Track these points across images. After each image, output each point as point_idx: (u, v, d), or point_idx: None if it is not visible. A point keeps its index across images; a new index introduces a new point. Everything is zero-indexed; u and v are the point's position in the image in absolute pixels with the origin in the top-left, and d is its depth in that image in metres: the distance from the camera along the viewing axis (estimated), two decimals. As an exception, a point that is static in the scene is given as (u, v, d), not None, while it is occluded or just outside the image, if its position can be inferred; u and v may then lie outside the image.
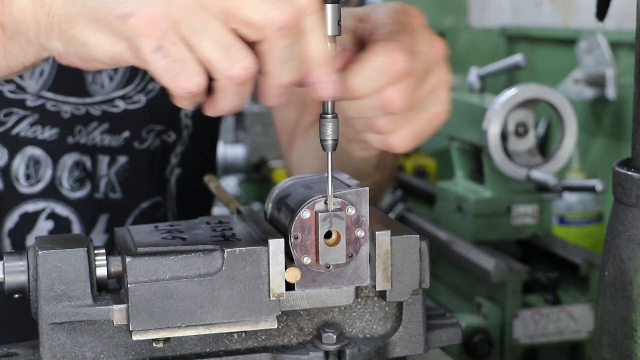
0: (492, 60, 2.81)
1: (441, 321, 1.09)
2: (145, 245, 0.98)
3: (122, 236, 1.04)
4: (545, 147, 3.21)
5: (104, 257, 1.00)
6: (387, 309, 1.05)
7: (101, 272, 0.99)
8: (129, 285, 0.95)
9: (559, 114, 2.33)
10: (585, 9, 3.22)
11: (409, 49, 1.01)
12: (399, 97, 1.01)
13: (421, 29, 1.06)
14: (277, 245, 0.97)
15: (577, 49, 3.01)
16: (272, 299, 0.98)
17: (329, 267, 0.99)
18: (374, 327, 1.05)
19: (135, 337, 0.96)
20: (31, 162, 1.46)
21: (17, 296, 0.99)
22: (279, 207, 1.05)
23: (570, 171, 2.95)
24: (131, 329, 0.96)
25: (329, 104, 0.97)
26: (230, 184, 3.84)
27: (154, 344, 0.98)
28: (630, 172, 1.00)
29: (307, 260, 0.98)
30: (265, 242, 0.97)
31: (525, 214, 2.37)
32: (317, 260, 0.99)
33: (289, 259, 0.98)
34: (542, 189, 2.37)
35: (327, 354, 1.02)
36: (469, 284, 2.39)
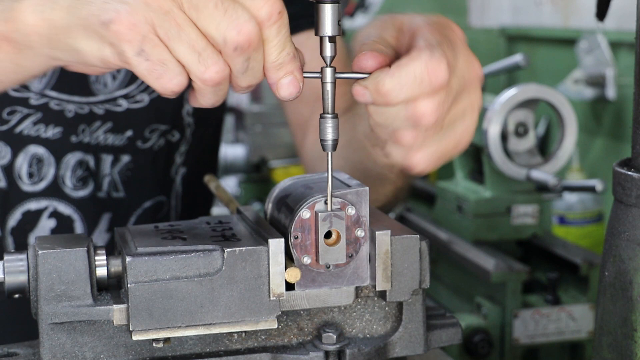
0: (492, 60, 2.81)
1: (441, 321, 1.09)
2: (145, 245, 0.98)
3: (122, 236, 1.04)
4: (545, 147, 3.20)
5: (104, 257, 1.00)
6: (387, 309, 1.05)
7: (101, 272, 0.99)
8: (129, 285, 0.95)
9: (559, 114, 2.33)
10: (585, 9, 3.22)
11: (451, 63, 0.96)
12: (432, 111, 0.96)
13: (461, 46, 1.01)
14: (277, 245, 0.97)
15: (577, 49, 3.01)
16: (272, 299, 0.98)
17: (329, 267, 0.99)
18: (374, 327, 1.05)
19: (135, 337, 0.96)
20: (34, 160, 1.46)
21: (17, 296, 0.99)
22: (279, 207, 1.05)
23: (570, 171, 2.95)
24: (131, 329, 0.96)
25: (329, 104, 0.97)
26: (230, 184, 3.84)
27: (154, 344, 0.98)
28: (630, 172, 1.00)
29: (307, 260, 0.98)
30: (265, 242, 0.97)
31: (525, 214, 2.37)
32: (317, 260, 0.99)
33: (289, 259, 0.98)
34: (542, 189, 2.37)
35: (327, 354, 1.02)
36: (469, 284, 2.39)
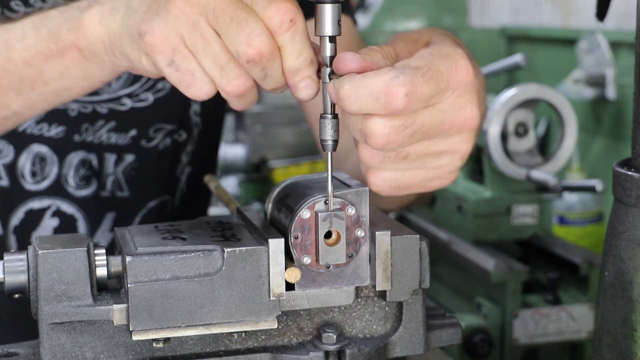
0: (492, 60, 2.81)
1: (441, 321, 1.09)
2: (145, 245, 0.98)
3: (122, 236, 1.04)
4: (545, 147, 3.20)
5: (104, 257, 1.00)
6: (387, 309, 1.05)
7: (101, 272, 0.99)
8: (129, 285, 0.95)
9: (559, 114, 2.33)
10: (585, 9, 3.21)
11: (419, 94, 0.89)
12: (381, 133, 0.90)
13: (459, 88, 0.93)
14: (277, 245, 0.97)
15: (577, 49, 3.00)
16: (272, 299, 0.98)
17: (329, 267, 0.99)
18: (374, 327, 1.05)
19: (135, 337, 0.96)
20: (37, 159, 1.46)
21: (17, 296, 0.99)
22: (279, 207, 1.05)
23: (570, 171, 2.95)
24: (131, 329, 0.96)
25: (329, 104, 0.97)
26: (230, 184, 3.84)
27: (154, 344, 0.98)
28: (630, 172, 1.00)
29: (307, 260, 0.98)
30: (265, 242, 0.97)
31: (525, 214, 2.37)
32: (317, 260, 0.99)
33: (289, 259, 0.98)
34: (542, 189, 2.37)
35: (327, 354, 1.02)
36: (469, 284, 2.39)
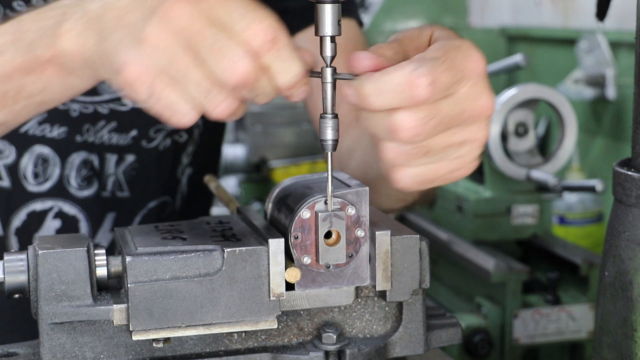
0: (492, 60, 2.81)
1: (441, 321, 1.09)
2: (145, 245, 0.98)
3: (122, 236, 1.04)
4: (545, 147, 3.20)
5: (104, 257, 1.00)
6: (387, 309, 1.05)
7: (101, 272, 0.99)
8: (129, 285, 0.95)
9: (559, 114, 2.34)
10: (585, 9, 3.22)
11: (439, 83, 0.92)
12: (410, 125, 0.92)
13: (473, 77, 0.96)
14: (277, 245, 0.97)
15: (577, 49, 3.01)
16: (272, 299, 0.98)
17: (329, 267, 0.99)
18: (374, 327, 1.05)
19: (135, 337, 0.96)
20: (39, 160, 1.46)
21: (17, 296, 0.99)
22: (279, 207, 1.05)
23: (570, 171, 2.95)
24: (131, 329, 0.96)
25: (329, 104, 0.97)
26: (230, 184, 3.84)
27: (154, 344, 0.98)
28: (630, 172, 1.00)
29: (307, 260, 0.98)
30: (265, 242, 0.97)
31: (525, 214, 2.37)
32: (317, 260, 0.98)
33: (289, 259, 0.98)
34: (542, 189, 2.37)
35: (327, 354, 1.02)
36: (469, 284, 2.39)
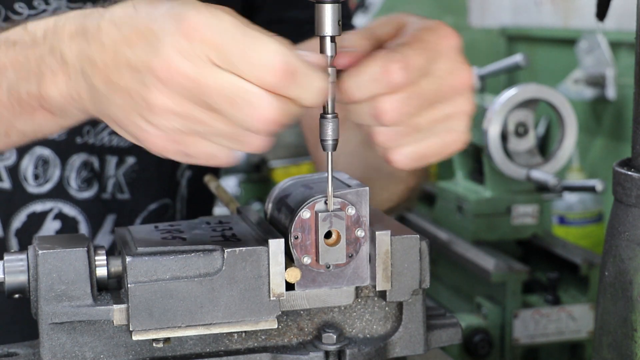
0: (492, 60, 2.81)
1: (441, 321, 1.09)
2: (145, 245, 0.98)
3: (122, 236, 1.04)
4: (545, 147, 3.20)
5: (104, 257, 1.00)
6: (387, 309, 1.05)
7: (101, 272, 0.99)
8: (129, 285, 0.95)
9: (559, 114, 2.33)
10: (585, 9, 3.21)
11: (413, 64, 0.96)
12: (391, 109, 0.96)
13: (448, 53, 1.01)
14: (277, 245, 0.97)
15: (577, 49, 3.00)
16: (272, 299, 0.98)
17: (329, 267, 0.99)
18: (374, 327, 1.05)
19: (135, 337, 0.96)
20: (40, 162, 1.46)
21: (17, 296, 0.99)
22: (279, 207, 1.05)
23: (570, 171, 2.95)
24: (131, 329, 0.96)
25: (329, 104, 0.97)
26: (230, 184, 3.84)
27: (154, 344, 0.98)
28: (630, 172, 1.00)
29: (307, 260, 0.98)
30: (265, 242, 0.97)
31: (525, 214, 2.37)
32: (317, 260, 0.98)
33: (289, 259, 0.98)
34: (542, 189, 2.37)
35: (327, 354, 1.02)
36: (469, 284, 2.39)
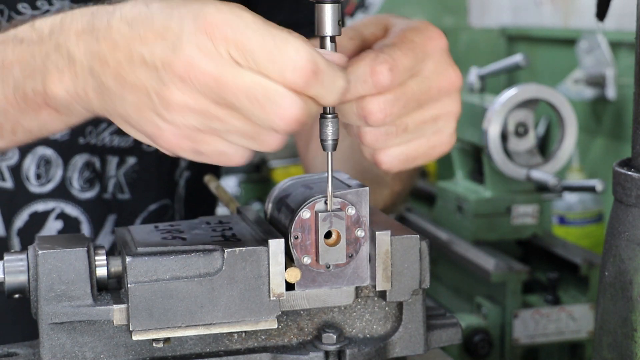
0: (492, 60, 2.81)
1: (441, 321, 1.09)
2: (145, 245, 0.98)
3: (122, 236, 1.04)
4: (545, 147, 3.20)
5: (104, 257, 1.00)
6: (387, 309, 1.05)
7: (101, 272, 0.99)
8: (129, 285, 0.95)
9: (559, 114, 2.33)
10: (585, 9, 3.22)
11: (400, 65, 0.96)
12: (377, 110, 0.96)
13: (436, 54, 1.00)
14: (277, 245, 0.97)
15: (577, 49, 3.00)
16: (272, 299, 0.98)
17: (329, 267, 0.99)
18: (374, 327, 1.05)
19: (135, 337, 0.96)
20: (42, 161, 1.46)
21: (17, 296, 0.99)
22: (279, 207, 1.05)
23: (570, 171, 2.95)
24: (131, 329, 0.96)
25: (329, 104, 0.97)
26: (230, 184, 3.84)
27: (154, 344, 0.98)
28: (630, 172, 1.00)
29: (307, 260, 0.98)
30: (265, 242, 0.97)
31: (525, 214, 2.37)
32: (317, 260, 0.99)
33: (289, 259, 0.98)
34: (542, 189, 2.37)
35: (327, 354, 1.02)
36: (469, 284, 2.39)
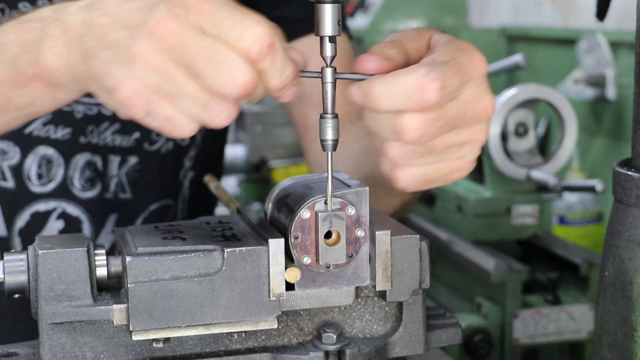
0: (492, 60, 2.80)
1: (441, 321, 1.09)
2: (145, 245, 0.98)
3: (122, 236, 1.04)
4: (545, 147, 3.20)
5: (104, 257, 1.00)
6: (387, 309, 1.05)
7: (101, 272, 0.99)
8: (129, 285, 0.95)
9: (559, 114, 2.34)
10: (585, 9, 3.22)
11: (449, 86, 0.94)
12: (416, 127, 0.94)
13: (477, 79, 0.98)
14: (277, 245, 0.97)
15: (577, 49, 3.00)
16: (272, 299, 0.98)
17: (329, 267, 0.99)
18: (374, 327, 1.05)
19: (135, 337, 0.96)
20: (43, 161, 1.46)
21: (17, 296, 0.99)
22: (279, 207, 1.05)
23: (570, 171, 2.95)
24: (131, 329, 0.96)
25: (329, 104, 0.97)
26: (230, 184, 3.84)
27: (154, 344, 0.98)
28: (630, 172, 1.00)
29: (307, 260, 0.98)
30: (265, 242, 0.97)
31: (525, 214, 2.37)
32: (317, 260, 0.99)
33: (289, 259, 0.98)
34: (542, 189, 2.37)
35: (327, 354, 1.02)
36: (469, 284, 2.39)
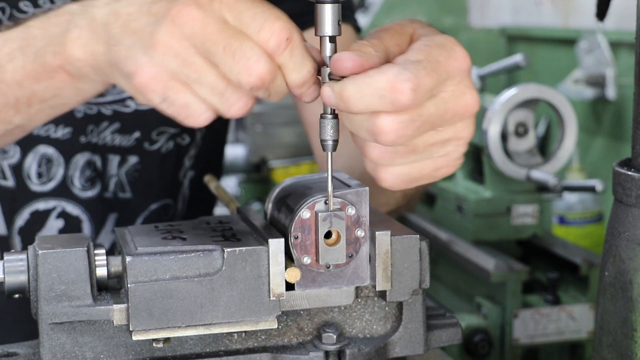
0: (492, 60, 2.81)
1: (441, 321, 1.09)
2: (145, 245, 0.98)
3: (122, 236, 1.04)
4: (545, 147, 3.20)
5: (104, 257, 1.00)
6: (387, 309, 1.05)
7: (101, 272, 0.99)
8: (129, 285, 0.95)
9: (559, 114, 2.33)
10: (585, 9, 3.21)
11: (423, 86, 0.91)
12: (391, 129, 0.91)
13: (457, 76, 0.94)
14: (277, 245, 0.97)
15: (577, 49, 3.00)
16: (272, 299, 0.98)
17: (329, 267, 0.99)
18: (374, 327, 1.05)
19: (135, 337, 0.96)
20: (43, 160, 1.46)
21: (17, 296, 0.99)
22: (279, 207, 1.05)
23: (570, 171, 2.95)
24: (131, 329, 0.96)
25: (329, 104, 0.97)
26: (230, 184, 3.84)
27: (154, 344, 0.98)
28: (630, 172, 1.00)
29: (307, 260, 0.98)
30: (265, 242, 0.97)
31: (525, 214, 2.37)
32: (317, 260, 0.99)
33: (289, 259, 0.98)
34: (542, 189, 2.37)
35: (327, 354, 1.02)
36: (469, 284, 2.39)
